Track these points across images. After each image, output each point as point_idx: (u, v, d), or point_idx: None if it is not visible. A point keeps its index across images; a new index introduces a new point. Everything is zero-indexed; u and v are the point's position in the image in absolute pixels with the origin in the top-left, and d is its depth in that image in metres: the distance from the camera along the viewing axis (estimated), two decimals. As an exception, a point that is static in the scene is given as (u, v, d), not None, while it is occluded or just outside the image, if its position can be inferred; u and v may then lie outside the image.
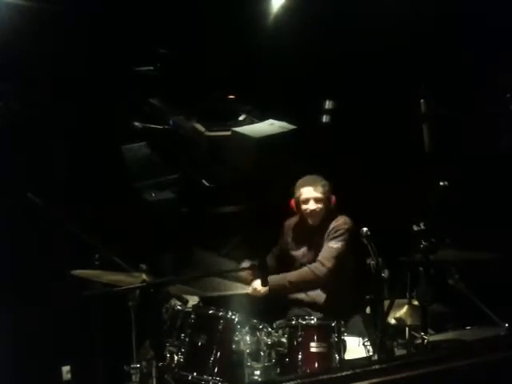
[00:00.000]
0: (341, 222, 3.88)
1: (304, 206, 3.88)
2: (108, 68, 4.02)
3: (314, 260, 3.88)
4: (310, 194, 3.86)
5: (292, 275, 3.83)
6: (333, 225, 3.89)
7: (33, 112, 3.93)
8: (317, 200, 3.86)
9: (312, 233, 3.95)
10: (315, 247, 3.92)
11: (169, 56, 4.23)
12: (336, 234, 3.85)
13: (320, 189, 3.86)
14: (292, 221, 4.08)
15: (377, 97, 4.18)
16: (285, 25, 4.29)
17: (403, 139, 4.17)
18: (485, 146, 4.04)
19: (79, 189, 4.07)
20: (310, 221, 3.91)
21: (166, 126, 4.34)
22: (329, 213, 3.90)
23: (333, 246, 3.82)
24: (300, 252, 3.99)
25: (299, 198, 3.89)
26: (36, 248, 3.91)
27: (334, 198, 3.91)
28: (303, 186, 3.89)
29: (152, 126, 4.31)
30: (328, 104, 4.43)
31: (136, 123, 4.24)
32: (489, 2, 3.94)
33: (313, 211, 3.86)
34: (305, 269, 3.82)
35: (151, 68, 4.20)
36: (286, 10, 4.31)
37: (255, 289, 3.75)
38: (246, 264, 3.89)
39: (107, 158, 4.17)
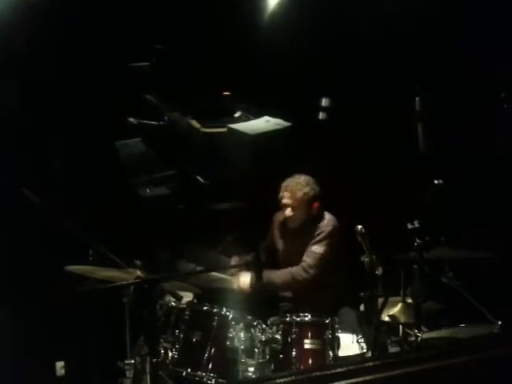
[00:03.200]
0: (324, 223, 3.89)
1: (282, 210, 3.91)
2: (104, 64, 4.01)
3: (292, 257, 3.91)
4: (286, 201, 3.87)
5: (275, 276, 3.85)
6: (317, 227, 3.89)
7: (30, 110, 3.91)
8: (293, 207, 3.86)
9: (294, 232, 3.97)
10: (296, 245, 3.94)
11: (164, 52, 4.22)
12: (319, 238, 3.85)
13: (299, 196, 3.84)
14: (279, 215, 4.09)
15: (373, 95, 4.18)
16: (282, 22, 4.29)
17: (398, 138, 4.18)
18: (481, 145, 4.05)
19: (75, 185, 4.06)
20: (288, 223, 3.96)
21: (162, 122, 4.33)
22: (310, 217, 3.90)
23: (316, 250, 3.83)
24: (283, 246, 4.03)
25: (279, 199, 3.91)
26: (31, 245, 3.90)
27: (316, 204, 3.89)
28: (285, 189, 3.89)
29: (147, 122, 4.30)
30: (324, 101, 4.43)
31: (131, 119, 4.23)
32: (487, 2, 3.96)
33: (288, 217, 3.90)
34: (287, 272, 3.84)
35: (147, 64, 4.19)
36: (283, 7, 4.31)
37: (244, 283, 3.74)
38: (237, 260, 3.89)
39: (102, 154, 4.15)
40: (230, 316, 3.31)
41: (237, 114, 4.44)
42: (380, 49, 4.12)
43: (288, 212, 3.87)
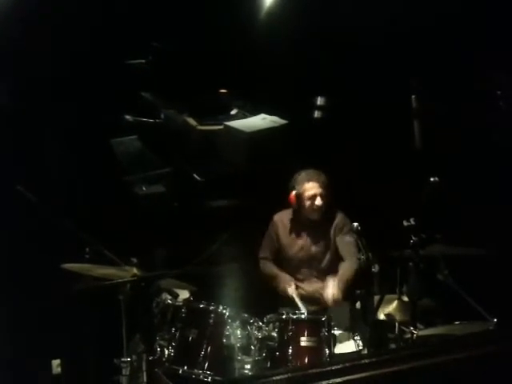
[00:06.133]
0: (342, 215, 3.91)
1: (309, 202, 3.82)
2: (101, 62, 4.00)
3: (310, 254, 3.90)
4: (316, 190, 3.81)
5: (346, 275, 3.78)
6: (339, 220, 3.89)
7: (29, 110, 3.90)
8: (322, 196, 3.81)
9: (310, 227, 3.93)
10: (314, 242, 3.92)
11: (161, 49, 4.22)
12: (347, 229, 3.84)
13: (324, 184, 3.82)
14: (284, 215, 4.01)
15: (369, 94, 4.18)
16: (278, 20, 4.29)
17: (395, 135, 4.19)
18: (476, 141, 4.06)
19: (72, 184, 4.05)
20: (312, 216, 3.87)
21: (158, 120, 4.33)
22: (328, 207, 3.88)
23: (350, 239, 3.75)
24: (296, 247, 3.95)
25: (303, 193, 3.82)
26: (27, 243, 3.89)
27: (331, 190, 3.88)
28: (308, 180, 3.82)
29: (143, 119, 4.30)
30: (319, 100, 4.43)
31: (127, 117, 4.22)
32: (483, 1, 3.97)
33: (319, 207, 3.82)
34: (350, 266, 3.75)
35: (143, 61, 4.19)
36: (279, 5, 4.31)
37: (333, 298, 3.72)
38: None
39: (99, 152, 4.15)
40: (227, 313, 3.30)
41: (233, 112, 4.44)
42: (377, 48, 4.13)
43: (318, 201, 3.80)
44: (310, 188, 3.81)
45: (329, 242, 3.93)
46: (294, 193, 3.86)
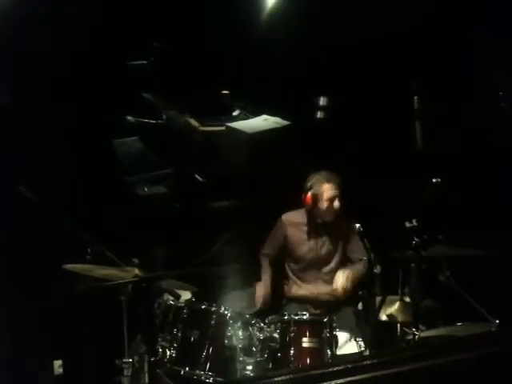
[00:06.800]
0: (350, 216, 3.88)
1: (326, 203, 3.81)
2: (102, 62, 4.00)
3: (319, 256, 3.90)
4: (334, 193, 3.80)
5: (358, 269, 3.72)
6: (346, 217, 3.85)
7: (29, 109, 3.90)
8: (339, 198, 3.81)
9: (321, 229, 3.92)
10: (324, 243, 3.92)
11: (163, 50, 4.22)
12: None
13: (339, 186, 3.82)
14: (294, 216, 3.99)
15: (372, 94, 4.18)
16: (278, 20, 4.29)
17: (397, 136, 4.19)
18: (478, 142, 4.07)
19: (74, 184, 4.05)
20: (327, 217, 3.86)
21: (160, 121, 4.33)
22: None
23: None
24: (306, 248, 3.94)
25: (321, 194, 3.80)
26: (28, 243, 3.89)
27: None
28: (327, 182, 3.81)
29: (145, 120, 4.30)
30: (322, 100, 4.43)
31: (129, 117, 4.22)
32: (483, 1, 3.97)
33: (337, 209, 3.81)
34: (361, 267, 3.64)
35: (144, 62, 4.18)
36: (279, 5, 4.31)
37: (342, 287, 3.69)
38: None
39: (100, 153, 4.15)
40: (228, 314, 3.31)
41: (235, 113, 4.44)
42: (377, 48, 4.13)
43: (337, 203, 3.80)
44: (329, 189, 3.80)
45: (338, 243, 3.93)
46: (310, 193, 3.82)
